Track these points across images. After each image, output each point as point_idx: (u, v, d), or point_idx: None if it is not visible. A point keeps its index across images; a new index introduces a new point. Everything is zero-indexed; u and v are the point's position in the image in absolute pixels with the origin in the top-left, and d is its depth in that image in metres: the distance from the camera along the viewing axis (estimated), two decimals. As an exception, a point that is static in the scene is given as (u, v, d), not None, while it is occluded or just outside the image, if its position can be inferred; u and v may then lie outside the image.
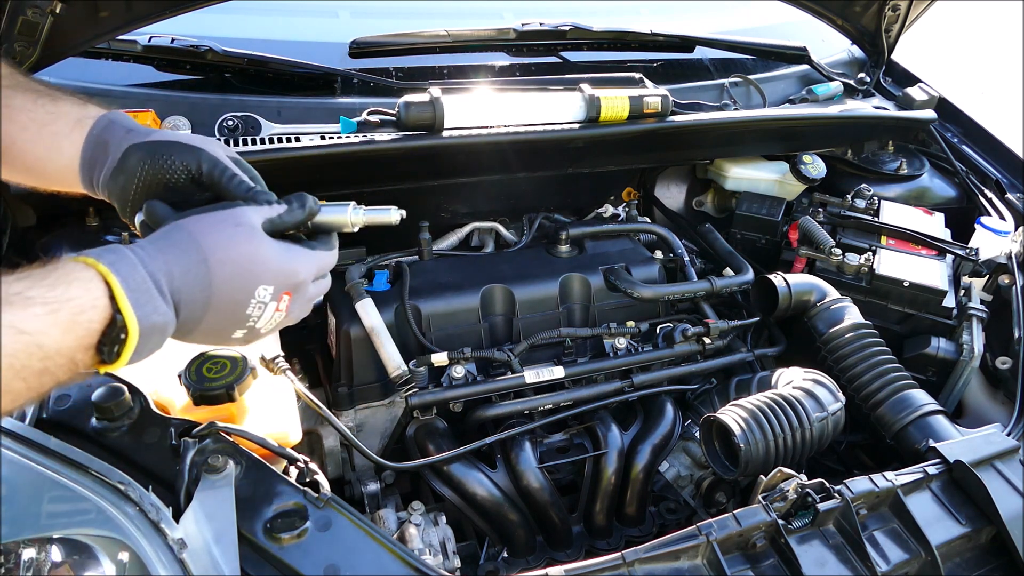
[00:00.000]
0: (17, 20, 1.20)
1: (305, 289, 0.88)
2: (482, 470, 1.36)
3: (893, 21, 2.03)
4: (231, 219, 0.81)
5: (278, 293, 0.83)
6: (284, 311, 0.85)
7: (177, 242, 0.78)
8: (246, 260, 0.80)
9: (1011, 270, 1.69)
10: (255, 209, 0.84)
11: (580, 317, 1.57)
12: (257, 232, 0.82)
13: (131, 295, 0.71)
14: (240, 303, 0.80)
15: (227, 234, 0.80)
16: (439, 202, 1.82)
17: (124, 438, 1.00)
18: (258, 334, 0.85)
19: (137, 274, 0.73)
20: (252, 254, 0.80)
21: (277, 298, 0.83)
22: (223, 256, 0.78)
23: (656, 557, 1.00)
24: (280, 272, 0.83)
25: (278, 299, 0.83)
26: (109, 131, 0.89)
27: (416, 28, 1.71)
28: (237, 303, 0.80)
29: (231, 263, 0.79)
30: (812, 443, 1.28)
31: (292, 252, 0.85)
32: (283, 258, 0.83)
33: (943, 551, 1.08)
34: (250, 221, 0.82)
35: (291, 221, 0.87)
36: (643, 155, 1.88)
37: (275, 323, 0.86)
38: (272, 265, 0.82)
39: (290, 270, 0.84)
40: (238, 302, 0.80)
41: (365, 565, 0.92)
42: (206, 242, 0.78)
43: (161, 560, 0.82)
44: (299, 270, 0.85)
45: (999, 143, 2.05)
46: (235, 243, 0.80)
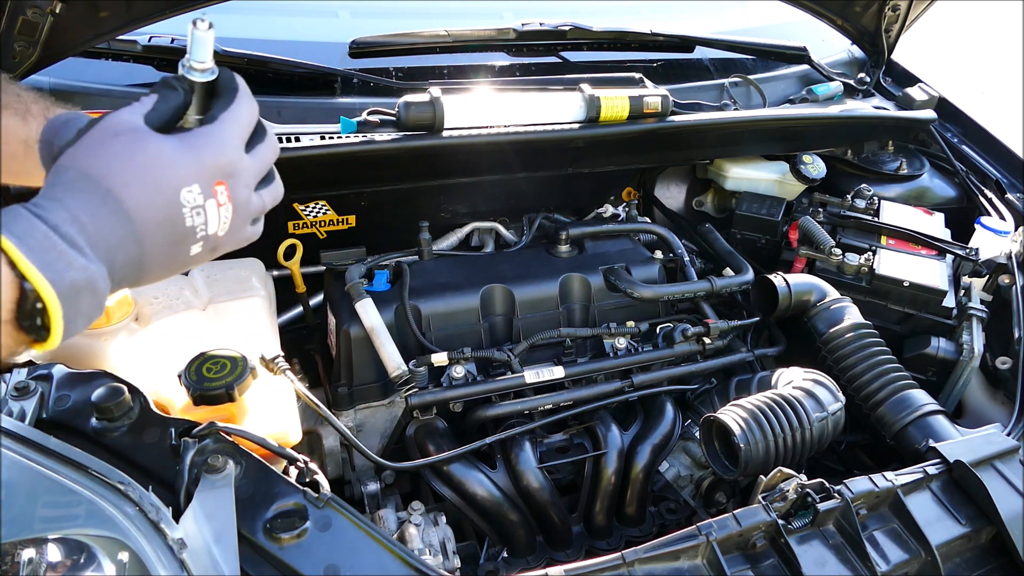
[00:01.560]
0: (17, 20, 1.20)
1: (239, 166, 0.75)
2: (482, 470, 1.36)
3: (893, 21, 2.03)
4: (106, 132, 0.69)
5: (208, 187, 0.71)
6: (229, 201, 0.73)
7: (68, 183, 0.67)
8: (147, 167, 0.68)
9: (1011, 270, 1.69)
10: (125, 109, 0.71)
11: (580, 317, 1.57)
12: (142, 131, 0.70)
13: (33, 256, 0.61)
14: (173, 219, 0.69)
15: (113, 151, 0.68)
16: (439, 202, 1.82)
17: (124, 438, 1.00)
18: (219, 240, 0.75)
19: (37, 231, 0.62)
20: (151, 160, 0.69)
21: (211, 193, 0.71)
22: (122, 178, 0.67)
23: (656, 557, 1.00)
24: (193, 164, 0.71)
25: (213, 194, 0.71)
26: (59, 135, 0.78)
27: (416, 28, 1.71)
28: (170, 220, 0.69)
29: (136, 182, 0.67)
30: (812, 443, 1.28)
31: (195, 137, 0.72)
32: (188, 147, 0.71)
33: (943, 551, 1.08)
34: (127, 123, 0.70)
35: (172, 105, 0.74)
36: (643, 155, 1.89)
37: (229, 218, 0.74)
38: (179, 160, 0.70)
39: (204, 157, 0.72)
40: (170, 219, 0.69)
41: (365, 565, 0.92)
42: (96, 170, 0.67)
43: (161, 560, 0.81)
44: (218, 152, 0.73)
45: (999, 143, 2.05)
46: (127, 156, 0.68)
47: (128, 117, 0.71)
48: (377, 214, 1.74)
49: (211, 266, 1.39)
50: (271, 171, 0.82)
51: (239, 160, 0.75)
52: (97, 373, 1.07)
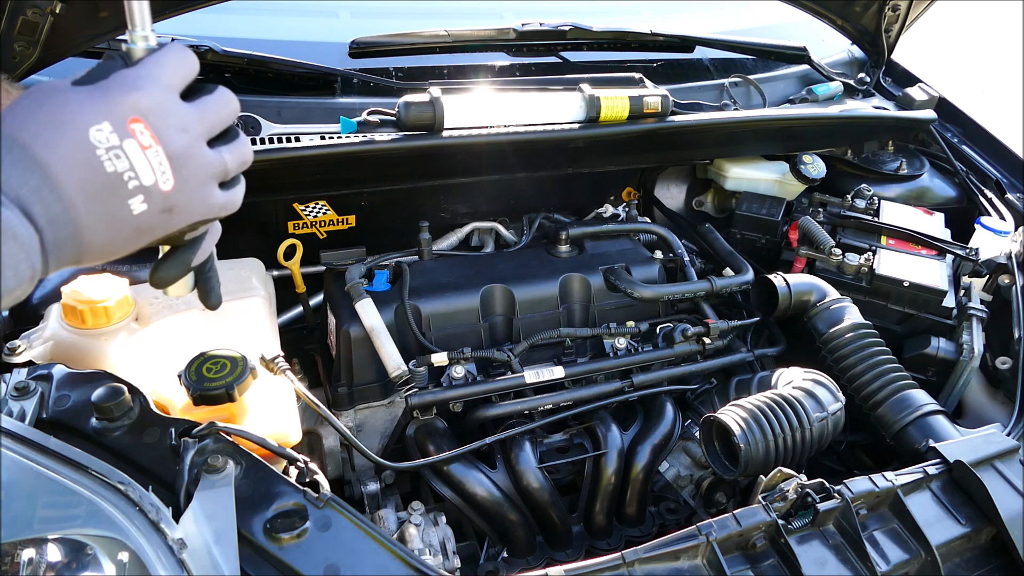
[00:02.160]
0: (17, 20, 1.20)
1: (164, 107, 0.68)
2: (482, 470, 1.36)
3: (893, 21, 2.03)
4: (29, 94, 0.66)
5: (122, 126, 0.65)
6: (156, 143, 0.66)
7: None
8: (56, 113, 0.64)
9: (1011, 270, 1.69)
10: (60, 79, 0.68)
11: (580, 317, 1.57)
12: (60, 88, 0.66)
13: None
14: (89, 163, 0.63)
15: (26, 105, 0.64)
16: (439, 202, 1.82)
17: (124, 438, 1.00)
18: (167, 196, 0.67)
19: None
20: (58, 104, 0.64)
21: (127, 132, 0.65)
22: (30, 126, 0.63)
23: (656, 557, 1.00)
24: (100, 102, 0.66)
25: (130, 133, 0.65)
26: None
27: (416, 28, 1.71)
28: (86, 164, 0.63)
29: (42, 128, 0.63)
30: (812, 443, 1.28)
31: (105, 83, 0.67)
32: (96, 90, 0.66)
33: (943, 551, 1.08)
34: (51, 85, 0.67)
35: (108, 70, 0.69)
36: (643, 155, 1.89)
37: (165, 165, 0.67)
38: (85, 100, 0.65)
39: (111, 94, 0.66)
40: (85, 163, 0.63)
41: (365, 565, 0.92)
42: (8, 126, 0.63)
43: (161, 560, 0.81)
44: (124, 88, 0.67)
45: (999, 143, 2.05)
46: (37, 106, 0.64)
47: (55, 81, 0.67)
48: (377, 214, 1.74)
49: (211, 266, 1.39)
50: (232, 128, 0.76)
51: (163, 100, 0.68)
52: (97, 373, 1.08)
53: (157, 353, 1.19)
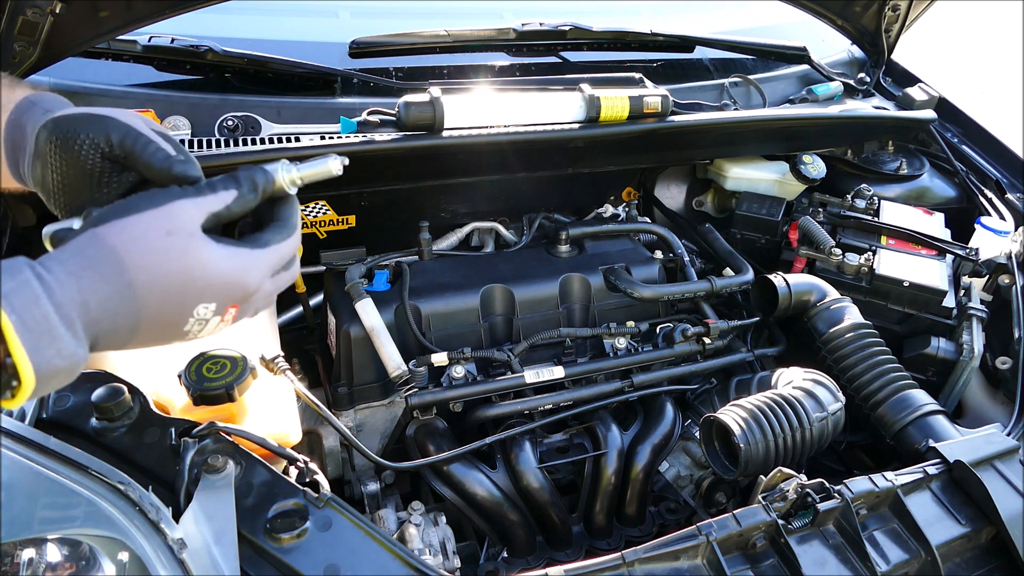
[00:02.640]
0: (17, 20, 1.20)
1: (259, 294, 0.75)
2: (482, 470, 1.36)
3: (893, 21, 2.03)
4: (162, 223, 0.67)
5: (223, 307, 0.71)
6: (230, 321, 0.74)
7: (94, 261, 0.64)
8: (183, 279, 0.67)
9: (1011, 270, 1.69)
10: (193, 201, 0.69)
11: (580, 317, 1.57)
12: (196, 239, 0.68)
13: (27, 336, 0.59)
14: (175, 324, 0.69)
15: (158, 247, 0.66)
16: (439, 202, 1.82)
17: (124, 438, 1.00)
18: (196, 338, 0.75)
19: (38, 310, 0.60)
20: (190, 270, 0.67)
21: (222, 312, 0.71)
22: (153, 276, 0.65)
23: (656, 557, 1.00)
24: (226, 286, 0.70)
25: (223, 313, 0.71)
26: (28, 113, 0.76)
27: (416, 28, 1.71)
28: (171, 324, 0.69)
29: (163, 285, 0.66)
30: (812, 443, 1.28)
31: (241, 259, 0.71)
32: (230, 268, 0.70)
33: (943, 551, 1.08)
34: (186, 224, 0.68)
35: (240, 211, 0.73)
36: (643, 155, 1.89)
37: (216, 331, 0.75)
38: (216, 279, 0.69)
39: (238, 282, 0.71)
40: (173, 324, 0.69)
41: (365, 565, 0.92)
42: (131, 259, 0.64)
43: (161, 560, 0.81)
44: (250, 280, 0.72)
45: (999, 143, 2.05)
46: (169, 258, 0.66)
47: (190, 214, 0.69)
48: (377, 214, 1.74)
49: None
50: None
51: (260, 288, 0.75)
52: (97, 373, 1.07)
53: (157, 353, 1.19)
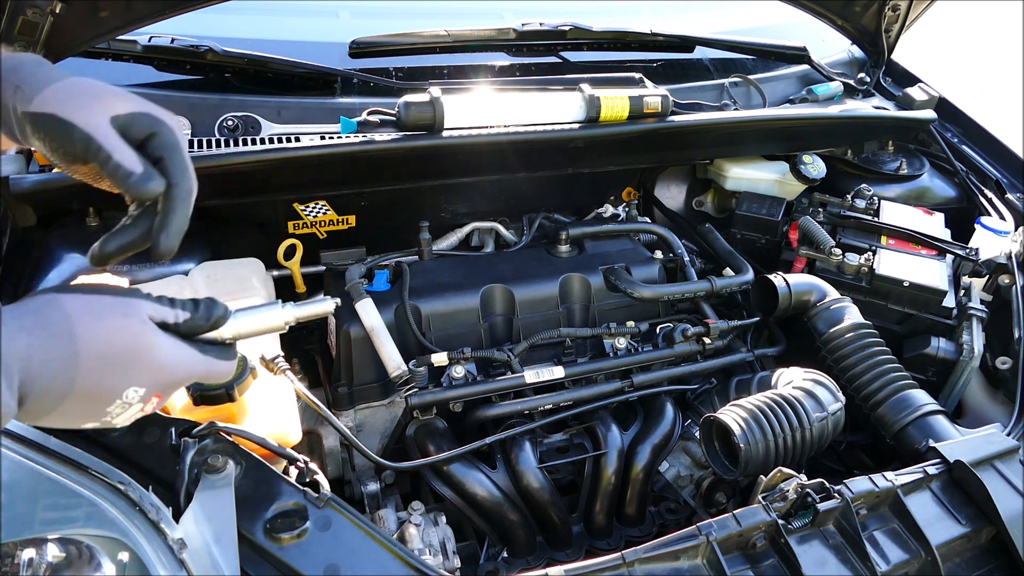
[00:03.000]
0: (17, 20, 1.20)
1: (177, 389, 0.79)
2: (482, 470, 1.36)
3: (893, 21, 2.03)
4: (121, 307, 0.70)
5: (149, 395, 0.73)
6: (149, 410, 0.76)
7: (47, 323, 0.66)
8: (125, 359, 0.69)
9: (1011, 270, 1.69)
10: (151, 304, 0.73)
11: (580, 317, 1.57)
12: (148, 326, 0.71)
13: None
14: (103, 401, 0.70)
15: (111, 324, 0.69)
16: (439, 202, 1.82)
17: (124, 438, 1.00)
18: (112, 426, 0.75)
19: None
20: (138, 350, 0.70)
21: (146, 399, 0.73)
22: (98, 351, 0.68)
23: (656, 557, 1.00)
24: (160, 376, 0.73)
25: (146, 400, 0.73)
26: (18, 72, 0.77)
27: (416, 28, 1.71)
28: (100, 400, 0.70)
29: (106, 361, 0.68)
30: (812, 443, 1.28)
31: (182, 355, 0.75)
32: (170, 358, 0.73)
33: (943, 551, 1.08)
34: (141, 313, 0.71)
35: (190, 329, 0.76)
36: (643, 155, 1.89)
37: (132, 419, 0.76)
38: (155, 364, 0.72)
39: (170, 375, 0.74)
40: (101, 400, 0.70)
41: (365, 565, 0.92)
42: (82, 331, 0.67)
43: (161, 560, 0.82)
44: (180, 374, 0.75)
45: (999, 143, 2.05)
46: (119, 336, 0.69)
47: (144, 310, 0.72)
48: (377, 214, 1.74)
49: (211, 266, 1.39)
50: None
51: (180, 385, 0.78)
52: (97, 373, 1.07)
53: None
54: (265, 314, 0.85)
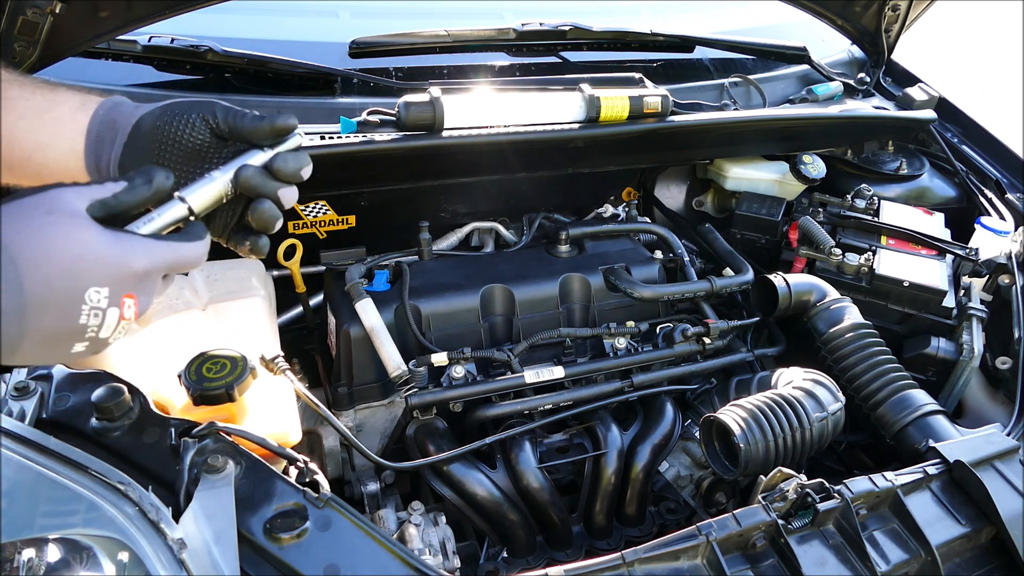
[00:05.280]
0: (17, 20, 1.20)
1: (152, 285, 0.75)
2: (482, 470, 1.36)
3: (893, 21, 2.03)
4: (42, 205, 0.67)
5: (117, 296, 0.70)
6: (133, 317, 0.72)
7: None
8: (64, 256, 0.66)
9: (1011, 270, 1.69)
10: (74, 189, 0.71)
11: (580, 317, 1.57)
12: (78, 220, 0.68)
13: None
14: (68, 312, 0.67)
15: (36, 224, 0.66)
16: (439, 202, 1.82)
17: (124, 438, 1.00)
18: (105, 343, 0.73)
19: None
20: (70, 248, 0.66)
21: (118, 302, 0.70)
22: (34, 254, 0.65)
23: (656, 557, 1.00)
24: (112, 268, 0.69)
25: (119, 304, 0.70)
26: (117, 110, 0.83)
27: (416, 28, 1.71)
28: (64, 311, 0.67)
29: (45, 261, 0.65)
30: (812, 443, 1.28)
31: (123, 241, 0.71)
32: (112, 250, 0.69)
33: (943, 551, 1.08)
34: (68, 206, 0.68)
35: (133, 200, 0.73)
36: (643, 155, 1.89)
37: (124, 330, 0.73)
38: (100, 260, 0.68)
39: (124, 263, 0.70)
40: (64, 310, 0.67)
41: (365, 565, 0.92)
42: (11, 237, 0.64)
43: (161, 560, 0.81)
44: (135, 263, 0.71)
45: (999, 143, 2.05)
46: (48, 236, 0.66)
47: (71, 199, 0.69)
48: (377, 214, 1.74)
49: (211, 266, 1.39)
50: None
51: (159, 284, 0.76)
52: (97, 373, 1.07)
53: (157, 353, 1.19)
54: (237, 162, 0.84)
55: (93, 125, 0.82)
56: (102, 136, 0.82)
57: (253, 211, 0.85)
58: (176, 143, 0.82)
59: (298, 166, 0.89)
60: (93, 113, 0.83)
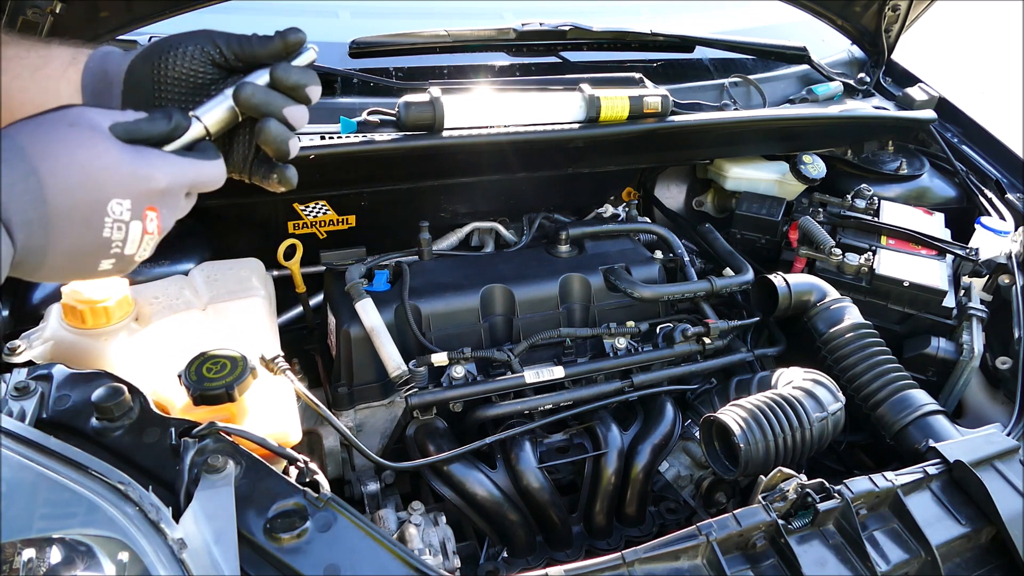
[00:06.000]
0: (17, 20, 1.20)
1: (175, 201, 0.74)
2: (482, 470, 1.36)
3: (893, 21, 2.03)
4: (65, 119, 0.68)
5: (139, 208, 0.69)
6: (156, 231, 0.72)
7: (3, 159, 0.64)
8: (86, 167, 0.66)
9: (1011, 270, 1.69)
10: (99, 110, 0.71)
11: (580, 317, 1.57)
12: (99, 133, 0.68)
13: None
14: (91, 224, 0.67)
15: (59, 136, 0.66)
16: (439, 202, 1.82)
17: (124, 438, 1.00)
18: (132, 261, 0.73)
19: None
20: (92, 159, 0.66)
21: (140, 215, 0.69)
22: (56, 164, 0.65)
23: (656, 557, 1.00)
24: (133, 180, 0.69)
25: (142, 216, 0.70)
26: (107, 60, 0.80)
27: (416, 28, 1.71)
28: (87, 223, 0.67)
29: (66, 171, 0.65)
30: (812, 443, 1.28)
31: (144, 155, 0.71)
32: (133, 163, 0.69)
33: (943, 551, 1.08)
34: (90, 120, 0.68)
35: (150, 131, 0.73)
36: (643, 155, 1.89)
37: (149, 245, 0.73)
38: (121, 172, 0.68)
39: (145, 176, 0.70)
40: (88, 222, 0.67)
41: (365, 565, 0.92)
42: (33, 148, 0.64)
43: (161, 560, 0.81)
44: (157, 176, 0.71)
45: (999, 143, 2.05)
46: (69, 147, 0.66)
47: (94, 116, 0.69)
48: (377, 214, 1.74)
49: (211, 266, 1.39)
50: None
51: (182, 200, 0.75)
52: (97, 373, 1.07)
53: (157, 353, 1.19)
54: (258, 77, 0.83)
55: (86, 80, 0.80)
56: (97, 90, 0.80)
57: (259, 132, 0.81)
58: (174, 78, 0.79)
59: (303, 79, 0.86)
60: (84, 67, 0.80)
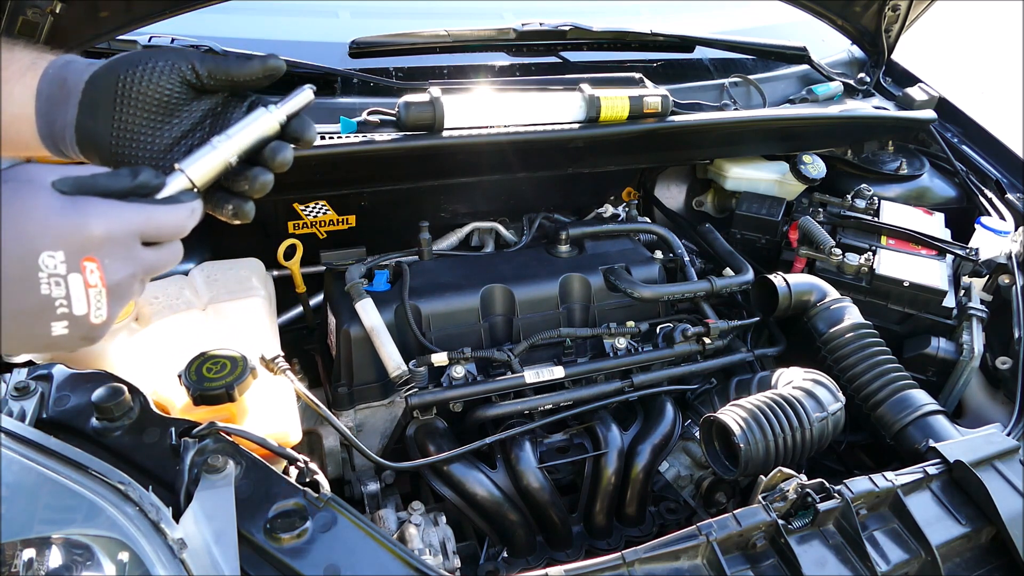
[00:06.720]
0: (17, 20, 1.20)
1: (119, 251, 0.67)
2: (482, 470, 1.36)
3: (893, 21, 2.03)
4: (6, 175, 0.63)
5: (74, 260, 0.64)
6: (100, 284, 0.66)
7: None
8: (16, 220, 0.61)
9: (1011, 270, 1.69)
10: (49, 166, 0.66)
11: (580, 317, 1.57)
12: (34, 186, 0.63)
13: None
14: (27, 280, 0.62)
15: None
16: (439, 202, 1.82)
17: (124, 438, 1.00)
18: (89, 324, 0.66)
19: None
20: (23, 212, 0.62)
21: (78, 267, 0.64)
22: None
23: (656, 557, 1.00)
24: (64, 229, 0.63)
25: (80, 268, 0.64)
26: (68, 68, 0.74)
27: (416, 28, 1.71)
28: (23, 280, 0.62)
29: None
30: (812, 443, 1.28)
31: (79, 204, 0.64)
32: (64, 212, 0.63)
33: (943, 551, 1.08)
34: (27, 175, 0.64)
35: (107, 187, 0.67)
36: (643, 155, 1.89)
37: (101, 303, 0.66)
38: (50, 223, 0.63)
39: (77, 224, 0.64)
40: (23, 279, 0.62)
41: (365, 565, 0.92)
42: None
43: (161, 560, 0.81)
44: (90, 223, 0.64)
45: (999, 143, 2.05)
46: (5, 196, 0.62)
47: (36, 172, 0.65)
48: (377, 214, 1.74)
49: (211, 266, 1.40)
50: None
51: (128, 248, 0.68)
52: (97, 373, 1.08)
53: (157, 353, 1.19)
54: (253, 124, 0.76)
55: (43, 85, 0.74)
56: (53, 97, 0.74)
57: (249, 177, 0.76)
58: (139, 96, 0.73)
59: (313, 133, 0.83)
60: (43, 72, 0.74)
